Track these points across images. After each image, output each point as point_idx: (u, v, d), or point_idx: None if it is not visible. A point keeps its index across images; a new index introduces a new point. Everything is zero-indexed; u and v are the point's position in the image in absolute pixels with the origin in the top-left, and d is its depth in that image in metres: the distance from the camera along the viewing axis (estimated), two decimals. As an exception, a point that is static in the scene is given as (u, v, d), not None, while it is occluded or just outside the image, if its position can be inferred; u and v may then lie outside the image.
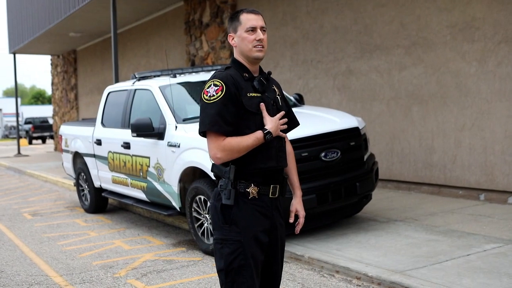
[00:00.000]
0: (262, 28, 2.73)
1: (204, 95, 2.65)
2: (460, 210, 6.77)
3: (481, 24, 7.08)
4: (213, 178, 5.37)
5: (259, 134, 2.63)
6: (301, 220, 2.96)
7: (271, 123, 2.67)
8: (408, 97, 8.12)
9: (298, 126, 3.03)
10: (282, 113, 2.74)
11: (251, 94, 2.69)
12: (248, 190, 2.66)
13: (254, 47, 2.70)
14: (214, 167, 2.71)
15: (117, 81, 10.79)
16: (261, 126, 2.67)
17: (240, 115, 2.63)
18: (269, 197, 2.72)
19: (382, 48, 8.43)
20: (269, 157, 2.70)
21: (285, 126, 2.74)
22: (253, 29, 2.70)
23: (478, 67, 7.15)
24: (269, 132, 2.64)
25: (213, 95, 2.61)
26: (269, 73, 2.86)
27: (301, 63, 10.00)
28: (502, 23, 6.85)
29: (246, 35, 2.70)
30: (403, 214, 6.69)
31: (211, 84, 2.64)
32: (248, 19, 2.71)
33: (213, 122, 2.58)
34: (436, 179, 7.82)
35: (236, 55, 2.78)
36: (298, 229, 2.97)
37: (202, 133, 2.66)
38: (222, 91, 2.60)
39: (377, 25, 8.49)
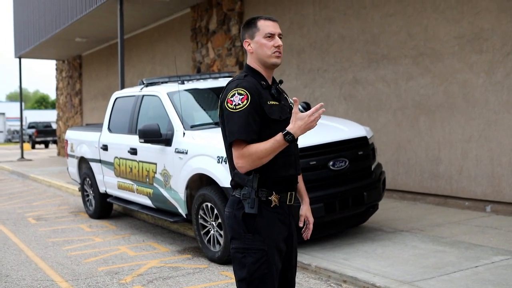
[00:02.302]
0: (279, 35, 2.74)
1: (229, 104, 2.60)
2: (466, 221, 6.74)
3: (489, 35, 7.08)
4: (223, 185, 5.42)
5: (278, 136, 2.56)
6: (311, 226, 2.96)
7: (300, 121, 2.54)
8: (415, 107, 8.11)
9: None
10: (321, 104, 2.63)
11: (270, 102, 2.68)
12: (270, 198, 2.65)
13: (273, 53, 2.70)
14: (236, 176, 2.67)
15: (122, 87, 10.80)
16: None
17: (262, 123, 2.62)
18: (287, 204, 2.73)
19: (389, 58, 8.44)
20: (289, 165, 2.71)
21: (316, 124, 2.60)
22: (271, 35, 2.70)
23: (486, 78, 7.15)
24: (288, 133, 2.55)
25: (239, 104, 2.57)
26: (281, 81, 2.88)
27: (308, 72, 10.01)
28: (510, 34, 6.85)
29: (265, 41, 2.70)
30: (409, 224, 6.66)
31: (235, 93, 2.60)
32: (266, 25, 2.71)
33: (241, 131, 2.55)
34: (442, 190, 7.79)
35: (251, 62, 2.77)
36: (308, 234, 2.97)
37: (230, 144, 2.62)
38: (247, 99, 2.58)
39: (384, 35, 8.50)
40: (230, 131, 2.59)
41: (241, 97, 2.58)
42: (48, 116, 56.14)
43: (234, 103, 2.59)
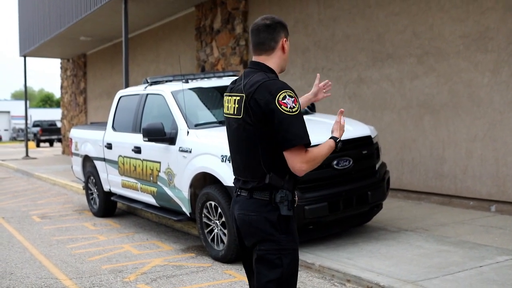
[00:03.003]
0: None
1: (283, 107, 2.51)
2: (471, 221, 6.72)
3: (495, 34, 7.05)
4: (226, 184, 5.41)
5: (331, 142, 2.65)
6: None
7: (341, 130, 2.72)
8: (419, 107, 8.09)
9: (310, 134, 3.02)
10: (341, 110, 2.77)
11: None
12: (295, 199, 2.71)
13: None
14: (272, 179, 2.61)
15: (127, 85, 10.82)
16: None
17: None
18: None
19: (394, 56, 8.42)
20: None
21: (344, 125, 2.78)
22: None
23: (491, 78, 7.12)
24: (340, 141, 2.66)
25: (294, 107, 2.53)
26: None
27: (312, 71, 9.99)
28: (516, 34, 6.83)
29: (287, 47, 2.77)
30: (414, 224, 6.64)
31: (285, 95, 2.53)
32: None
33: (307, 135, 2.54)
34: (446, 189, 7.77)
35: (273, 62, 2.73)
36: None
37: (289, 147, 2.54)
38: (298, 102, 2.56)
39: (389, 34, 8.48)
40: (296, 135, 2.51)
41: (292, 99, 2.54)
42: (53, 114, 56.28)
43: (289, 105, 2.52)
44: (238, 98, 2.65)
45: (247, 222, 2.68)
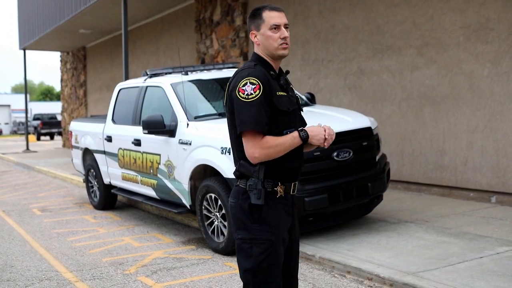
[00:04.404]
0: (285, 26, 2.69)
1: (240, 93, 2.54)
2: (471, 212, 6.72)
3: (495, 25, 7.02)
4: (226, 176, 5.41)
5: (295, 133, 2.59)
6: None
7: (317, 130, 2.64)
8: (420, 98, 8.07)
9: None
10: (331, 128, 2.70)
11: (279, 93, 2.64)
12: (276, 189, 2.64)
13: (280, 45, 2.66)
14: (241, 167, 2.64)
15: (127, 78, 10.79)
16: (287, 126, 2.63)
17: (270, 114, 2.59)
18: (290, 194, 2.72)
19: (394, 48, 8.39)
20: (295, 157, 2.68)
21: (324, 144, 2.65)
22: (277, 27, 2.66)
23: (491, 69, 7.10)
24: (303, 130, 2.60)
25: (251, 94, 2.52)
26: (287, 72, 2.84)
27: (312, 63, 9.96)
28: (516, 24, 6.80)
29: (270, 33, 2.65)
30: (414, 215, 6.64)
31: (246, 82, 2.55)
32: (271, 17, 2.66)
33: (256, 122, 2.51)
34: (447, 181, 7.77)
35: (259, 52, 2.72)
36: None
37: (240, 133, 2.57)
38: (259, 89, 2.53)
39: (389, 25, 8.44)
40: (242, 121, 2.53)
41: (253, 86, 2.53)
42: (53, 107, 56.28)
43: (246, 92, 2.53)
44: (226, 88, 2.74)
45: (229, 209, 2.74)
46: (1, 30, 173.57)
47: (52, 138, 35.74)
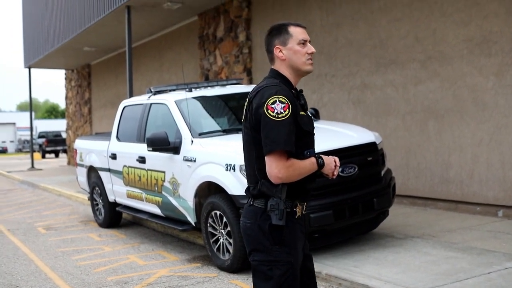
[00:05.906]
0: (309, 42, 2.71)
1: (270, 112, 2.48)
2: (478, 226, 6.67)
3: (498, 38, 7.02)
4: (231, 193, 5.38)
5: (313, 159, 2.60)
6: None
7: (330, 160, 2.68)
8: (424, 112, 8.05)
9: (316, 141, 2.98)
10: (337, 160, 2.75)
11: (301, 112, 2.61)
12: (295, 209, 2.62)
13: (307, 60, 2.66)
14: (263, 186, 2.58)
15: (131, 95, 10.83)
16: (307, 147, 2.62)
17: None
18: (303, 214, 2.71)
19: (397, 62, 8.39)
20: (312, 179, 2.68)
21: (332, 175, 2.71)
22: (304, 42, 2.66)
23: (495, 81, 7.09)
24: (322, 159, 2.63)
25: (281, 113, 2.47)
26: (301, 91, 2.80)
27: (316, 77, 9.97)
28: (520, 37, 6.79)
29: (299, 48, 2.65)
30: (420, 230, 6.59)
31: (276, 100, 2.49)
32: (298, 32, 2.67)
33: (286, 142, 2.46)
34: (453, 195, 7.72)
35: (281, 69, 2.68)
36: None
37: (267, 151, 2.51)
38: (288, 109, 2.49)
39: (392, 39, 8.46)
40: (273, 140, 2.47)
41: (283, 105, 2.49)
42: (58, 125, 56.54)
43: (276, 111, 2.48)
44: (246, 104, 2.67)
45: (243, 230, 2.67)
46: (6, 49, 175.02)
47: (57, 155, 35.85)
